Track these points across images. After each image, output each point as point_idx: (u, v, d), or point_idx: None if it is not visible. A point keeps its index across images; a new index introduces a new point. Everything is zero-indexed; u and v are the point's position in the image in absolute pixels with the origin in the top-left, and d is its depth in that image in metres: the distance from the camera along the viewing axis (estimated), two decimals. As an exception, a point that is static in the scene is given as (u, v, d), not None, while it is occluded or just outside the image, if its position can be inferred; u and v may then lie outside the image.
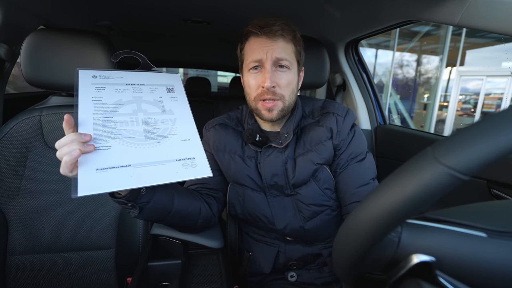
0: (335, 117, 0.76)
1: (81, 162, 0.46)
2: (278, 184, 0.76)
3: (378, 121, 1.42)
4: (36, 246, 0.83)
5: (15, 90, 1.95)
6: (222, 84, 8.11)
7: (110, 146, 0.50)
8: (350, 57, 1.40)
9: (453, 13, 0.70)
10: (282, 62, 0.69)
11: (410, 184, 0.23)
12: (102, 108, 0.54)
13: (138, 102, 0.58)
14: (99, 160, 0.48)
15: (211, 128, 0.83)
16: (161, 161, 0.52)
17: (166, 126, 0.57)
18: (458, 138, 0.23)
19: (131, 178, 0.48)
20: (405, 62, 7.21)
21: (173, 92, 0.63)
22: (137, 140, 0.53)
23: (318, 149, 0.74)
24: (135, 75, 0.62)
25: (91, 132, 0.50)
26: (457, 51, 6.56)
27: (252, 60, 0.70)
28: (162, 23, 1.42)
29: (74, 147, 0.46)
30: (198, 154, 0.57)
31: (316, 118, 0.79)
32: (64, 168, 0.46)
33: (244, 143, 0.79)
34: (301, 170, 0.74)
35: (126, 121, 0.54)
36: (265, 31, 0.68)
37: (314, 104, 0.82)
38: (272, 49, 0.68)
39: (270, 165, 0.75)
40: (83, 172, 0.46)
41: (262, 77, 0.69)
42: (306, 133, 0.77)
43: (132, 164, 0.50)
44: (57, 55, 0.79)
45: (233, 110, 0.88)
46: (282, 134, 0.75)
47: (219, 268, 0.70)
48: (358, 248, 0.26)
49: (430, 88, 6.92)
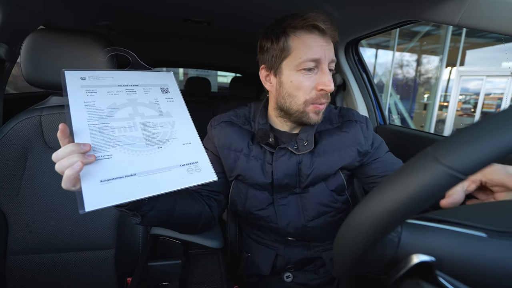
0: (359, 125, 0.76)
1: (83, 175, 0.43)
2: (288, 184, 0.75)
3: (378, 121, 1.42)
4: (36, 246, 0.83)
5: (15, 90, 1.95)
6: (222, 84, 8.11)
7: (111, 155, 0.47)
8: (350, 57, 1.40)
9: (453, 13, 0.70)
10: (332, 64, 0.67)
11: (410, 183, 0.23)
12: (96, 113, 0.50)
13: (134, 104, 0.54)
14: (102, 171, 0.45)
15: (216, 125, 0.79)
16: (166, 167, 0.50)
17: (166, 130, 0.55)
18: (458, 138, 0.23)
19: (137, 187, 0.46)
20: (405, 62, 7.22)
21: (168, 93, 0.60)
22: (138, 147, 0.50)
23: (341, 154, 0.74)
24: (126, 75, 0.58)
25: (89, 141, 0.46)
26: (457, 51, 6.57)
27: (308, 59, 0.63)
28: (162, 23, 1.42)
29: (74, 159, 0.42)
30: (201, 157, 0.55)
31: (335, 125, 0.78)
32: (67, 183, 0.43)
33: (251, 142, 0.76)
34: (319, 171, 0.73)
35: (124, 127, 0.51)
36: (324, 26, 0.63)
37: (331, 110, 0.82)
38: (328, 48, 0.64)
39: (283, 166, 0.73)
40: (87, 185, 0.43)
41: (321, 79, 0.65)
42: (326, 138, 0.75)
43: (137, 173, 0.47)
44: (57, 55, 0.79)
45: (240, 107, 0.84)
46: (300, 140, 0.73)
47: (219, 268, 0.70)
48: (359, 247, 0.26)
49: (430, 88, 6.93)
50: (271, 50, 0.68)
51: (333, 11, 1.03)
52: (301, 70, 0.65)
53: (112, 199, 0.43)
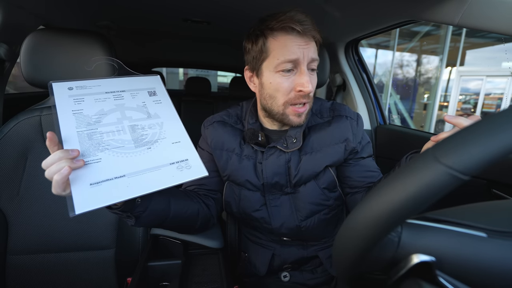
0: (349, 121, 0.75)
1: (72, 179, 0.45)
2: (279, 183, 0.75)
3: (378, 121, 1.42)
4: (36, 246, 0.83)
5: (15, 90, 1.95)
6: (222, 84, 8.11)
7: (100, 158, 0.48)
8: (350, 57, 1.40)
9: (453, 13, 0.70)
10: (314, 63, 0.65)
11: (411, 183, 0.23)
12: (84, 120, 0.51)
13: (121, 109, 0.56)
14: (91, 175, 0.46)
15: (209, 126, 0.80)
16: (155, 167, 0.51)
17: (154, 131, 0.56)
18: (459, 138, 0.23)
19: (127, 188, 0.47)
20: (405, 62, 7.21)
21: (155, 95, 0.61)
22: (127, 149, 0.51)
23: (328, 151, 0.73)
24: (113, 81, 0.59)
25: (78, 147, 0.48)
26: (457, 51, 6.57)
27: (285, 60, 0.62)
28: (162, 23, 1.42)
29: (62, 165, 0.43)
30: (191, 155, 0.56)
31: (325, 119, 0.77)
32: (56, 188, 0.44)
33: (243, 142, 0.76)
34: (305, 170, 0.73)
35: (112, 131, 0.52)
36: (300, 28, 0.61)
37: (322, 103, 0.80)
38: (307, 48, 0.63)
39: (272, 164, 0.73)
40: (77, 189, 0.44)
41: (298, 80, 0.63)
42: (314, 133, 0.74)
43: (126, 174, 0.48)
44: (57, 55, 0.79)
45: (232, 107, 0.85)
46: (289, 137, 0.72)
47: (219, 268, 0.70)
48: (359, 247, 0.26)
49: (430, 88, 6.92)
50: (251, 51, 0.68)
51: (333, 11, 1.03)
52: (279, 72, 0.64)
53: (101, 200, 0.44)
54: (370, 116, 1.43)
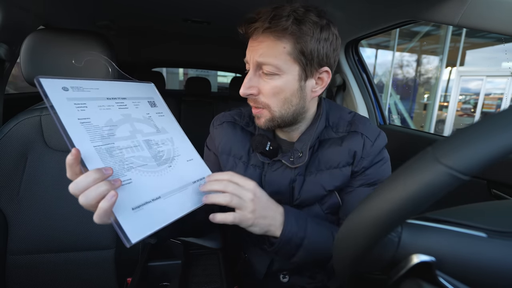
0: (363, 139, 0.66)
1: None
2: (280, 202, 0.69)
3: (378, 121, 1.42)
4: (36, 246, 0.83)
5: (15, 90, 1.95)
6: (222, 84, 8.11)
7: (130, 179, 0.43)
8: (350, 57, 1.40)
9: (453, 13, 0.70)
10: (264, 67, 0.58)
11: (410, 183, 0.23)
12: (96, 132, 0.43)
13: (130, 121, 0.50)
14: (129, 198, 0.41)
15: (218, 126, 0.75)
16: (182, 186, 0.49)
17: (168, 147, 0.52)
18: (459, 138, 0.23)
19: (168, 210, 0.44)
20: (405, 62, 7.22)
21: (156, 107, 0.57)
22: (151, 167, 0.47)
23: (333, 173, 0.66)
24: (110, 85, 0.52)
25: (102, 165, 0.40)
26: (457, 51, 6.57)
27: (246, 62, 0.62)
28: (162, 23, 1.43)
29: (103, 188, 0.37)
30: (206, 172, 0.55)
31: (340, 134, 0.69)
32: (103, 217, 0.37)
33: (251, 149, 0.71)
34: (308, 192, 0.67)
35: (130, 146, 0.46)
36: (247, 30, 0.58)
37: (342, 115, 0.71)
38: (255, 50, 0.58)
39: (275, 181, 0.67)
40: (123, 215, 0.39)
41: None
42: (323, 150, 0.67)
43: (161, 195, 0.45)
44: (57, 55, 0.79)
45: (246, 105, 0.75)
46: (295, 151, 0.66)
47: (219, 268, 0.70)
48: (359, 246, 0.26)
49: (430, 88, 6.93)
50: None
51: (333, 11, 1.03)
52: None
53: (150, 225, 0.41)
54: (370, 116, 1.43)
